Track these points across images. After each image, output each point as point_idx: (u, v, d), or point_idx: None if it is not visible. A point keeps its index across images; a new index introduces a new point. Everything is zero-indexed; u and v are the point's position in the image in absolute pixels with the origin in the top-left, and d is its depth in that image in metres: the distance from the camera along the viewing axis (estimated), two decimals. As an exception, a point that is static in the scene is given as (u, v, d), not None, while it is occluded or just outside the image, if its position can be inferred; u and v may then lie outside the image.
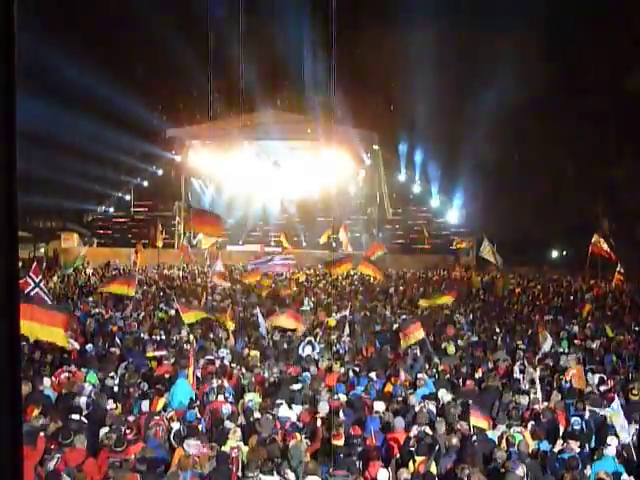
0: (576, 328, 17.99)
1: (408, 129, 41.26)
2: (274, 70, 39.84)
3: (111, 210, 45.59)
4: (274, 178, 43.11)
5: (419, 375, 11.95)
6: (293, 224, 43.84)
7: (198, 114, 41.31)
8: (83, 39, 36.35)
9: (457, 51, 37.03)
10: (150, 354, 13.60)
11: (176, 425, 9.11)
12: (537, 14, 33.45)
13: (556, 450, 8.70)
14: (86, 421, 9.11)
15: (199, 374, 11.92)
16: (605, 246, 25.68)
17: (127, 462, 7.44)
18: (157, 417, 9.27)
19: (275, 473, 7.57)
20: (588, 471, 8.01)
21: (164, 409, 9.92)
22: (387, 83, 41.30)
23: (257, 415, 9.68)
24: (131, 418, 9.39)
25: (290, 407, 10.16)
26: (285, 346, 15.07)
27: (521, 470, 7.67)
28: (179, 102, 41.25)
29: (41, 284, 15.49)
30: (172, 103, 40.92)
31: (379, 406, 10.16)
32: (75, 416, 9.09)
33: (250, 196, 44.18)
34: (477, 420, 9.29)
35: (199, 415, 9.73)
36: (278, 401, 10.23)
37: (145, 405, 10.03)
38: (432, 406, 10.21)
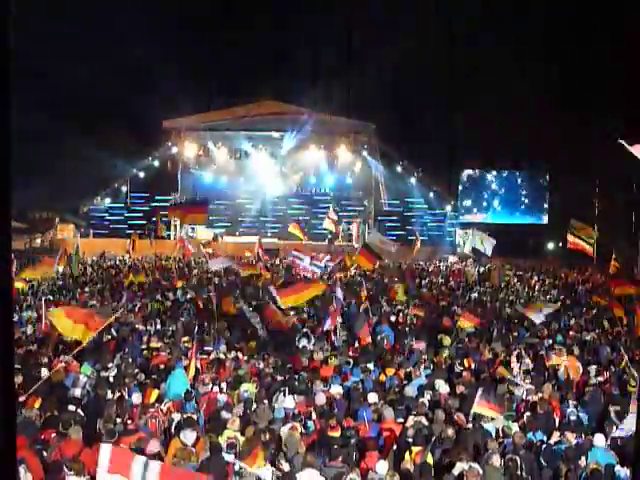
0: (572, 320, 18.11)
1: (405, 120, 41.20)
2: (271, 61, 39.77)
3: (107, 201, 45.48)
4: (271, 169, 43.08)
5: (415, 367, 12.01)
6: (290, 216, 43.78)
7: (194, 105, 41.24)
8: (81, 28, 36.24)
9: (456, 42, 37.05)
10: (153, 344, 13.62)
11: (177, 416, 9.13)
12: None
13: (552, 441, 8.72)
14: (82, 413, 9.11)
15: (199, 365, 11.93)
16: (582, 243, 25.90)
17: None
18: (152, 409, 9.29)
19: (270, 463, 7.58)
20: (583, 462, 8.04)
21: (159, 400, 9.93)
22: (386, 74, 41.18)
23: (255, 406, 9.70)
24: (129, 409, 9.42)
25: (294, 398, 10.19)
26: (281, 338, 15.07)
27: (495, 460, 7.70)
28: (176, 93, 41.05)
29: None
30: (169, 95, 40.70)
31: (372, 397, 10.19)
32: (71, 407, 9.10)
33: (247, 187, 44.12)
34: (483, 409, 9.22)
35: (195, 406, 9.76)
36: (282, 389, 10.26)
37: (139, 396, 10.02)
38: (428, 397, 10.26)
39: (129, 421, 8.97)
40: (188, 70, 39.17)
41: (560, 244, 41.24)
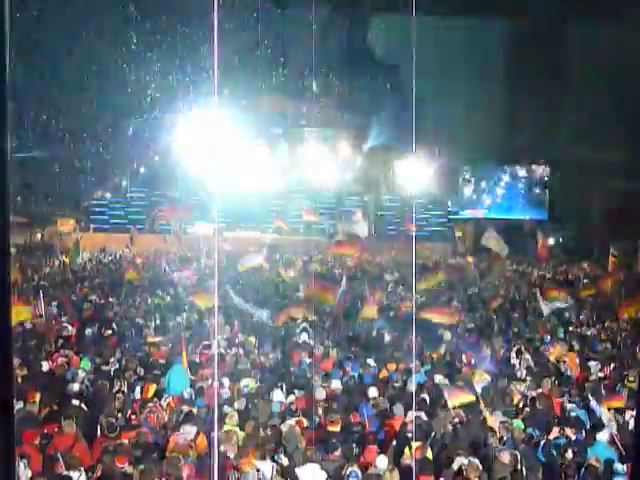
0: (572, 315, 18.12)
1: (407, 114, 41.05)
2: (273, 55, 39.63)
3: (108, 196, 45.44)
4: (271, 164, 42.97)
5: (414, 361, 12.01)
6: (290, 210, 43.66)
7: (196, 99, 41.09)
8: (82, 23, 36.17)
9: (458, 34, 36.96)
10: (151, 339, 13.62)
11: (185, 408, 9.16)
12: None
13: (552, 437, 8.72)
14: (85, 407, 9.12)
15: (197, 360, 11.92)
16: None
17: (120, 446, 7.45)
18: (151, 404, 9.29)
19: (269, 459, 7.58)
20: (582, 458, 8.03)
21: (158, 395, 9.91)
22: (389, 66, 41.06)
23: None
24: (130, 403, 9.44)
25: (293, 392, 10.20)
26: (282, 332, 15.07)
27: (507, 456, 7.70)
28: (177, 88, 40.93)
29: None
30: (169, 89, 40.59)
31: (372, 392, 10.19)
32: (75, 402, 9.11)
33: (247, 182, 43.98)
34: (460, 398, 9.28)
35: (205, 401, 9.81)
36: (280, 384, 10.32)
37: (137, 392, 10.04)
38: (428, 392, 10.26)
39: (133, 416, 8.98)
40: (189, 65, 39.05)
41: (561, 239, 41.30)
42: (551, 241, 41.87)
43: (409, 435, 8.46)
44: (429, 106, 35.88)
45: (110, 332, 14.25)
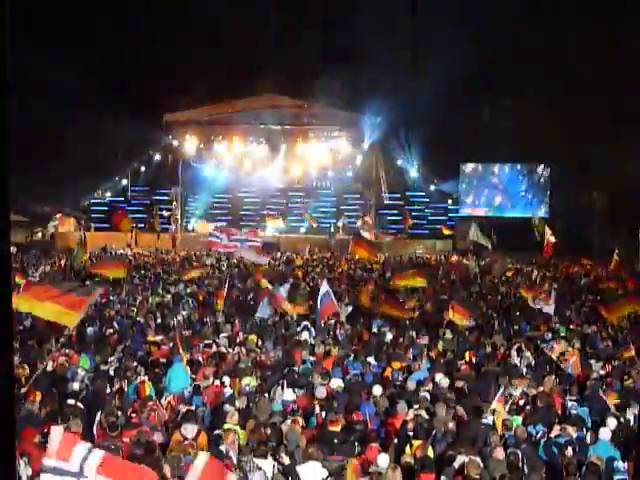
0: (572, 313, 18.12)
1: (406, 113, 41.03)
2: (272, 54, 39.57)
3: (108, 195, 45.46)
4: (271, 162, 42.94)
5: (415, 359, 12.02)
6: (290, 209, 43.73)
7: (196, 99, 41.05)
8: (82, 22, 36.19)
9: (458, 32, 36.92)
10: (151, 338, 13.62)
11: (183, 408, 9.15)
12: None
13: (553, 435, 8.71)
14: (82, 406, 9.10)
15: (200, 358, 11.92)
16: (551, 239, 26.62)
17: (117, 446, 7.43)
18: (150, 402, 9.28)
19: (270, 457, 7.57)
20: (583, 456, 8.03)
21: (159, 394, 9.90)
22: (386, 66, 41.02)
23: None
24: (130, 402, 9.43)
25: (294, 391, 10.19)
26: (283, 331, 15.07)
27: (501, 452, 7.70)
28: (177, 86, 40.86)
29: None
30: (170, 87, 40.52)
31: (377, 390, 10.16)
32: (71, 401, 9.10)
33: (247, 181, 43.98)
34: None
35: (203, 400, 9.81)
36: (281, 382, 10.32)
37: (132, 390, 10.04)
38: (429, 390, 10.25)
39: (133, 414, 8.97)
40: (189, 64, 38.99)
41: (561, 237, 41.18)
42: (552, 239, 41.84)
43: (410, 433, 8.46)
44: (429, 105, 35.82)
45: (111, 331, 14.24)
